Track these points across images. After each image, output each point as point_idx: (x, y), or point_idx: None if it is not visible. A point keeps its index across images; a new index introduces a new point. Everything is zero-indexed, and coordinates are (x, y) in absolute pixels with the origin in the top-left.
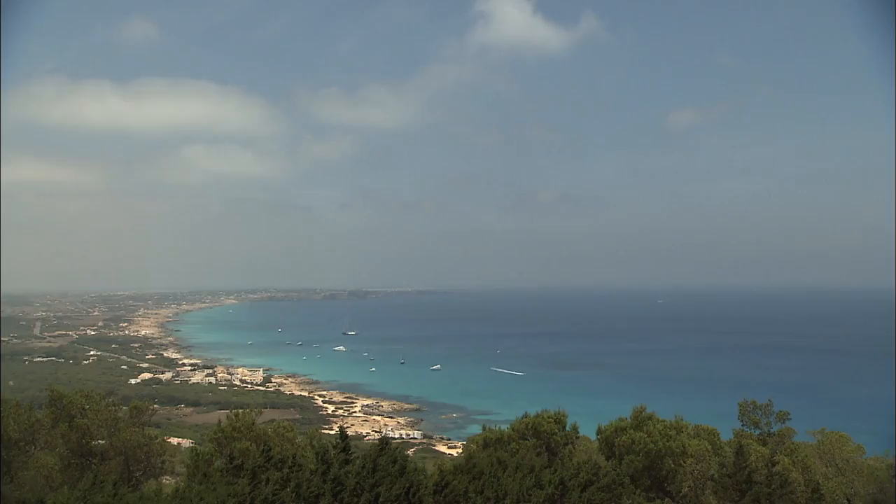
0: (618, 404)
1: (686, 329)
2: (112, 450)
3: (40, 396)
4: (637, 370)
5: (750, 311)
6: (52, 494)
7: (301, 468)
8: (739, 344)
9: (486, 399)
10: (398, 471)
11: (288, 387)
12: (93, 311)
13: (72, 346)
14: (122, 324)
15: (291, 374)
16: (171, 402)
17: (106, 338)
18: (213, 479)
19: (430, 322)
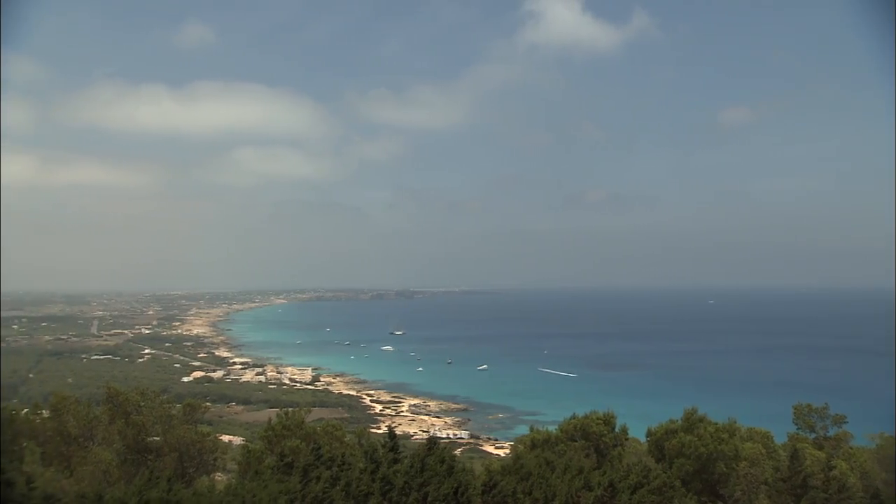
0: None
1: (737, 330)
2: (166, 446)
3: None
4: (687, 371)
5: (802, 312)
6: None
7: (350, 467)
8: (792, 345)
9: (533, 399)
10: (446, 470)
11: (336, 386)
12: (147, 310)
13: (127, 344)
14: (175, 323)
15: (339, 374)
16: (222, 400)
17: (160, 337)
18: (265, 477)
19: (476, 322)
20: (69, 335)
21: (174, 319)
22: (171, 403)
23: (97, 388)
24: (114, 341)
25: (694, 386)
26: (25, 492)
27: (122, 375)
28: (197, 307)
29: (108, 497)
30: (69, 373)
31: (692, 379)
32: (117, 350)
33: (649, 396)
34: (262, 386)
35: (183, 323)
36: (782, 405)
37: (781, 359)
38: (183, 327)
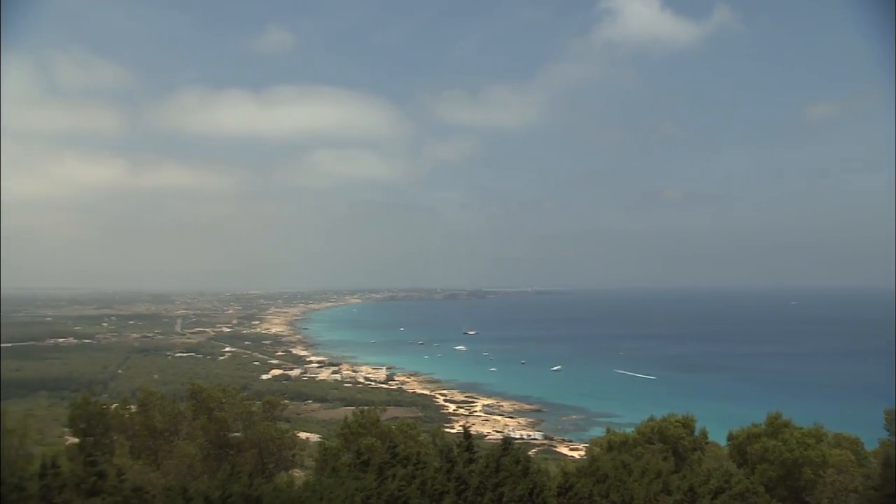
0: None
1: (821, 332)
2: (247, 442)
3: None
4: (768, 374)
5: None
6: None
7: (425, 465)
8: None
9: (607, 401)
10: (521, 471)
11: (410, 385)
12: (227, 309)
13: (209, 342)
14: (254, 322)
15: (413, 373)
16: (299, 397)
17: (239, 335)
18: (342, 474)
19: (550, 322)
20: (155, 333)
21: (253, 318)
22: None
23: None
24: (196, 339)
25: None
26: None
27: (205, 372)
28: (275, 306)
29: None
30: (155, 369)
31: (774, 382)
32: (199, 348)
33: (729, 399)
34: (338, 384)
35: (261, 322)
36: (872, 411)
37: (869, 363)
38: (261, 326)
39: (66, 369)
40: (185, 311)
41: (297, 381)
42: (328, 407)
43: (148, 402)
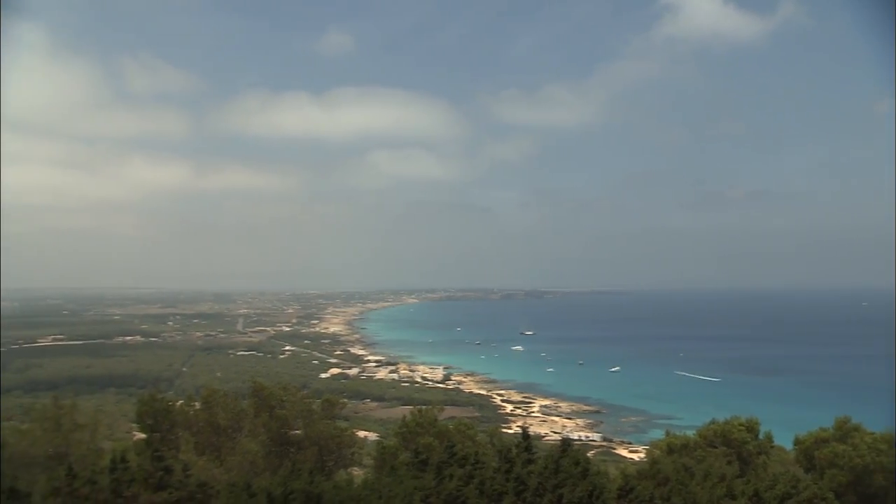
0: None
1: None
2: (307, 440)
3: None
4: (836, 377)
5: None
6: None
7: (484, 466)
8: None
9: (668, 403)
10: (581, 473)
11: (467, 385)
12: (287, 308)
13: (269, 341)
14: (313, 321)
15: (470, 373)
16: (357, 396)
17: (299, 334)
18: (400, 473)
19: (607, 323)
20: (217, 332)
21: (312, 318)
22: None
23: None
24: (257, 338)
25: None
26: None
27: (265, 371)
28: (333, 306)
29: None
30: (217, 367)
31: (842, 386)
32: (260, 346)
33: (795, 403)
34: (395, 383)
35: (320, 321)
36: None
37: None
38: (320, 325)
39: (133, 367)
40: (246, 310)
41: (355, 380)
42: (386, 406)
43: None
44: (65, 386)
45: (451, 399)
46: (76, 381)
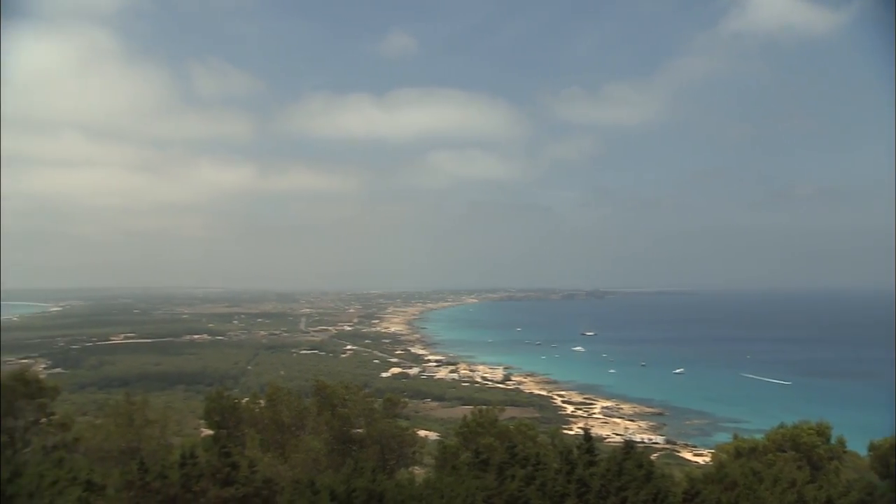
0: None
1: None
2: (369, 438)
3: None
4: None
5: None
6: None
7: (545, 467)
8: None
9: (734, 406)
10: (645, 476)
11: (527, 385)
12: (349, 308)
13: (331, 340)
14: (374, 321)
15: (530, 373)
16: (417, 395)
17: (360, 333)
18: (461, 472)
19: (670, 324)
20: (281, 331)
21: (373, 317)
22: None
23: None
24: (319, 337)
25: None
26: (248, 474)
27: (327, 369)
28: (394, 306)
29: (320, 484)
30: (281, 366)
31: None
32: (322, 345)
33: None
34: (456, 383)
35: (381, 321)
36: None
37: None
38: (381, 325)
39: (200, 364)
40: (308, 309)
41: (415, 380)
42: (446, 405)
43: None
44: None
45: (511, 399)
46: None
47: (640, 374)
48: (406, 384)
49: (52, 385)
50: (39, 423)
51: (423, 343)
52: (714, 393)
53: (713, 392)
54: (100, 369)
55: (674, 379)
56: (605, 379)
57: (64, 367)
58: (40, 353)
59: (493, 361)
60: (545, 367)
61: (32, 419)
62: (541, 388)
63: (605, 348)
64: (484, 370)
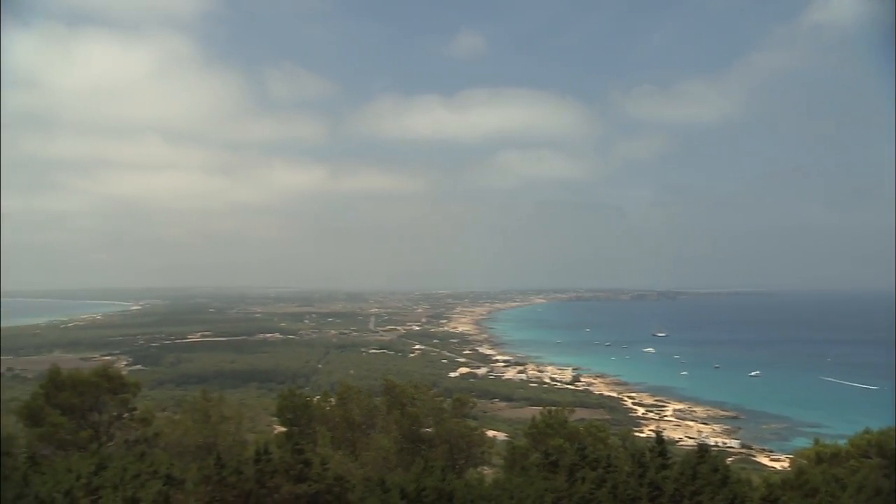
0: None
1: None
2: (438, 438)
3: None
4: None
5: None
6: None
7: (616, 469)
8: None
9: (813, 410)
10: (720, 480)
11: (597, 387)
12: (417, 308)
13: (399, 339)
14: (442, 321)
15: (600, 374)
16: (485, 395)
17: (428, 333)
18: (531, 473)
19: (746, 325)
20: (351, 330)
21: (441, 317)
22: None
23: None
24: (388, 337)
25: None
26: (320, 471)
27: (396, 369)
28: (462, 306)
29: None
30: (351, 365)
31: None
32: (391, 345)
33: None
34: (524, 384)
35: (449, 321)
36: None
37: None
38: (449, 325)
39: (273, 362)
40: (377, 309)
41: (483, 380)
42: (514, 406)
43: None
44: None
45: (581, 400)
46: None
47: (714, 377)
48: (474, 384)
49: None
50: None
51: (491, 343)
52: (792, 396)
53: (791, 395)
54: (177, 367)
55: (749, 382)
56: (677, 381)
57: (144, 364)
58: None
59: (561, 362)
60: (615, 368)
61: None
62: (611, 389)
63: (676, 350)
64: (552, 371)
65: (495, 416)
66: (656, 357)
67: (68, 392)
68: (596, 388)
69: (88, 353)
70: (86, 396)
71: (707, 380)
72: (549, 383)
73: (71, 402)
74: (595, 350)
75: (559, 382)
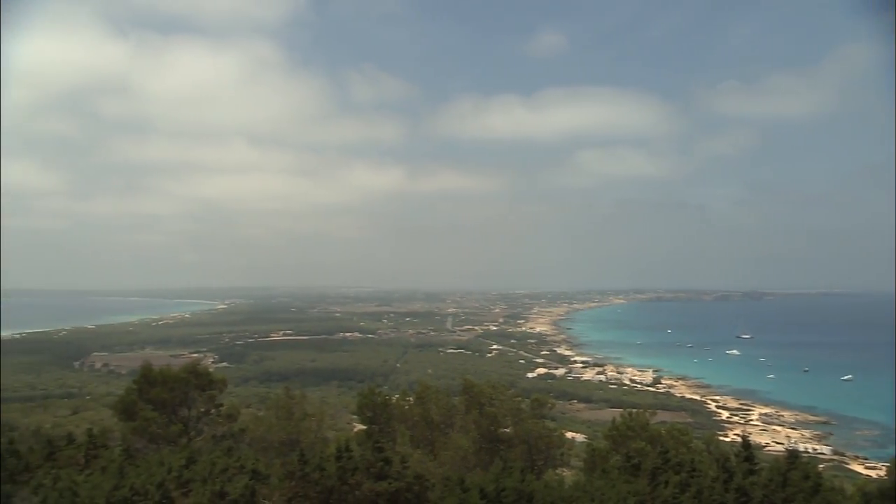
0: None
1: None
2: (516, 438)
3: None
4: None
5: None
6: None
7: (701, 474)
8: None
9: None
10: (812, 487)
11: (678, 389)
12: (494, 308)
13: (477, 339)
14: (520, 321)
15: (681, 377)
16: (563, 396)
17: (505, 333)
18: (612, 476)
19: (837, 327)
20: (428, 330)
21: (518, 317)
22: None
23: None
24: (465, 336)
25: None
26: (400, 470)
27: (473, 369)
28: (539, 306)
29: (469, 482)
30: (429, 364)
31: None
32: (469, 345)
33: None
34: (603, 385)
35: (526, 321)
36: None
37: None
38: (526, 325)
39: (352, 361)
40: (455, 309)
41: (561, 381)
42: (593, 407)
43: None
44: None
45: (662, 403)
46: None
47: (803, 380)
48: (552, 385)
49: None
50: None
51: (569, 344)
52: (888, 402)
53: (887, 401)
54: (261, 364)
55: (841, 386)
56: (764, 384)
57: (229, 361)
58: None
59: (641, 364)
60: (697, 370)
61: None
62: (693, 392)
63: (762, 352)
64: (632, 372)
65: (574, 417)
66: (741, 359)
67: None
68: (677, 391)
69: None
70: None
71: (795, 383)
72: (628, 385)
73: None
74: (676, 352)
75: (639, 384)
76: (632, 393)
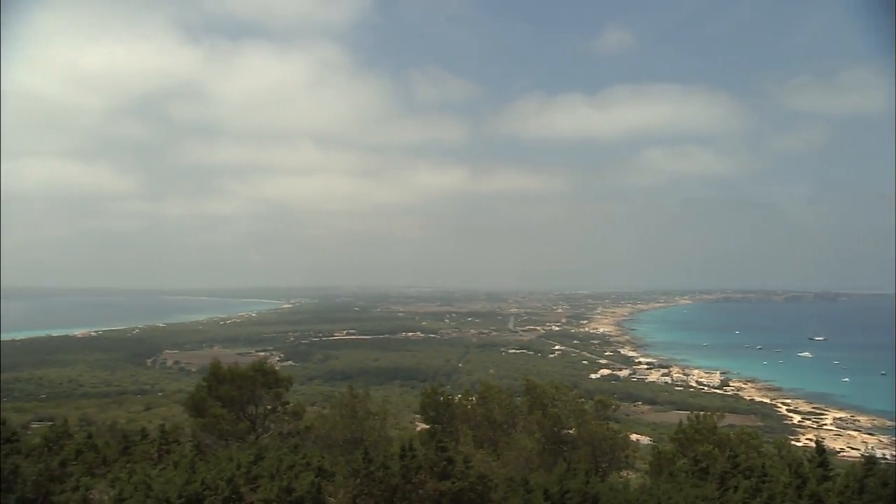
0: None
1: None
2: (580, 439)
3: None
4: None
5: None
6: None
7: (772, 479)
8: None
9: None
10: (891, 495)
11: (747, 392)
12: (556, 308)
13: (539, 340)
14: (582, 321)
15: (750, 379)
16: (627, 398)
17: (568, 334)
18: (679, 479)
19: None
20: (490, 330)
21: (581, 318)
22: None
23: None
24: (527, 337)
25: None
26: (463, 469)
27: (535, 369)
28: (602, 306)
29: (533, 482)
30: (491, 364)
31: None
32: (531, 345)
33: None
34: (668, 387)
35: (589, 321)
36: None
37: None
38: (589, 325)
39: (415, 361)
40: (516, 309)
41: (625, 382)
42: (658, 409)
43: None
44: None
45: (730, 406)
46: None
47: (880, 384)
48: (616, 386)
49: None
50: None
51: (634, 345)
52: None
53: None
54: (325, 363)
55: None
56: (838, 388)
57: (295, 360)
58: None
59: (709, 365)
60: (767, 372)
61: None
62: (763, 395)
63: (837, 355)
64: (699, 374)
65: (638, 419)
66: (813, 362)
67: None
68: (746, 394)
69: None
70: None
71: (872, 387)
72: (695, 387)
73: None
74: (745, 354)
75: (706, 386)
76: (698, 395)
